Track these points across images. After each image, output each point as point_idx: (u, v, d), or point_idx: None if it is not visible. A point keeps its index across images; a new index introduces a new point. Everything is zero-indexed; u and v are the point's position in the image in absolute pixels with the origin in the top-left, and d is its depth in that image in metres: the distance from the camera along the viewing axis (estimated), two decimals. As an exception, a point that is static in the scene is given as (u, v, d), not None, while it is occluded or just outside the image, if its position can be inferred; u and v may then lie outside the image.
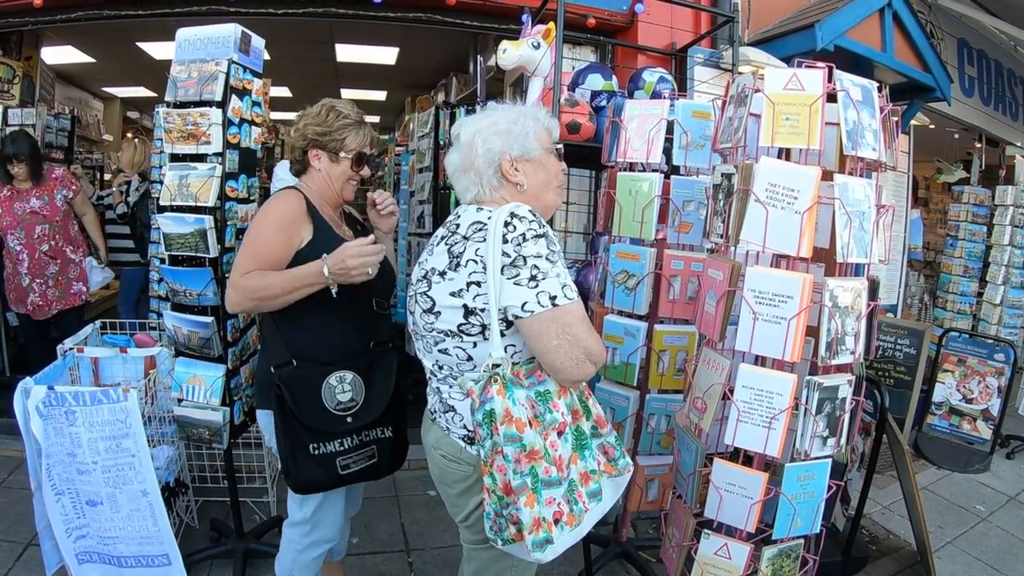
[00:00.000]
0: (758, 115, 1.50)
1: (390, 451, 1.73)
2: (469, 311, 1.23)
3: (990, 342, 3.78)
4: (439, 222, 3.35)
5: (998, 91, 5.73)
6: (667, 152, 2.04)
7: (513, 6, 3.27)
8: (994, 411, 3.62)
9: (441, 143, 3.62)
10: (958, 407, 3.72)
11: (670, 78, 2.57)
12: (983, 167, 6.02)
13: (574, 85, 2.55)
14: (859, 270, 1.61)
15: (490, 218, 1.23)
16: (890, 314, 4.62)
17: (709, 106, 2.01)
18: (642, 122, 2.02)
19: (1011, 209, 4.78)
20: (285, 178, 1.97)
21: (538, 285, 1.18)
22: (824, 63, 1.48)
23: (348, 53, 6.06)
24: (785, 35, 3.33)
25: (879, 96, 1.57)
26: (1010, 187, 4.83)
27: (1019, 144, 5.82)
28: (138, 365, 2.25)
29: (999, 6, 4.96)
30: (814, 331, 1.49)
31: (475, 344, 1.25)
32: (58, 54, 5.72)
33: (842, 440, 1.59)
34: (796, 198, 1.42)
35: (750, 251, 1.54)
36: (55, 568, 1.97)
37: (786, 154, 1.54)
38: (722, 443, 1.57)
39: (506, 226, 1.20)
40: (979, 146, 6.01)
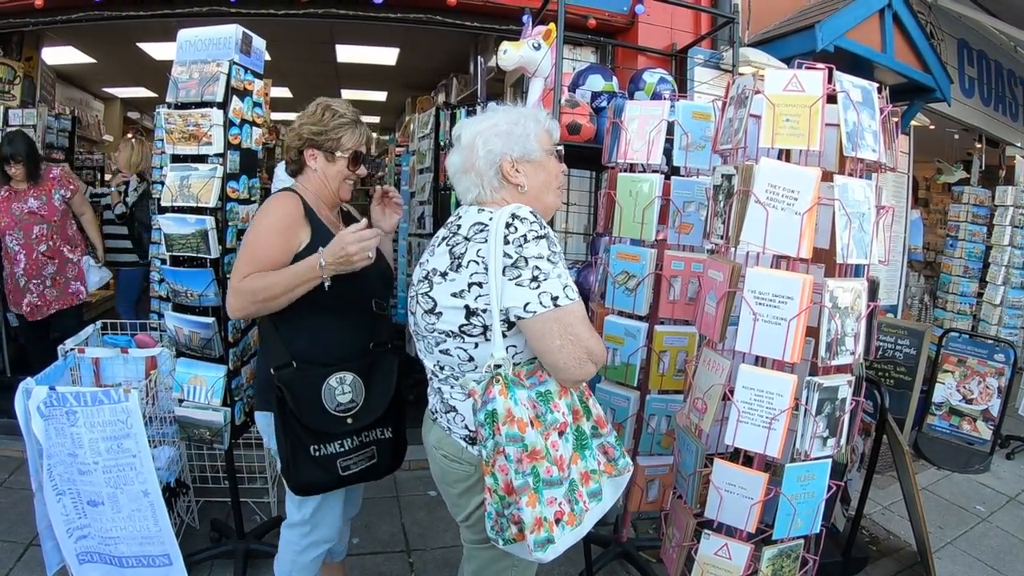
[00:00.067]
0: (758, 116, 1.51)
1: (389, 452, 1.72)
2: (471, 312, 1.23)
3: (990, 342, 3.78)
4: (440, 223, 3.37)
5: (998, 92, 5.73)
6: (667, 153, 2.04)
7: (514, 7, 3.27)
8: (994, 411, 3.62)
9: (442, 144, 3.62)
10: (958, 407, 3.72)
11: (670, 79, 2.57)
12: (983, 168, 6.03)
13: (574, 86, 2.55)
14: (859, 271, 1.61)
15: (491, 219, 1.23)
16: (890, 314, 4.63)
17: (709, 107, 2.01)
18: (642, 123, 2.02)
19: (1011, 210, 4.78)
20: (285, 179, 1.96)
21: (540, 286, 1.19)
22: (824, 64, 1.48)
23: (348, 54, 6.06)
24: (785, 36, 3.34)
25: (879, 97, 1.57)
26: (1010, 188, 4.84)
27: (1019, 144, 5.82)
28: (139, 365, 2.25)
29: (999, 7, 4.97)
30: (814, 332, 1.49)
31: (476, 345, 1.26)
32: (59, 55, 5.71)
33: (842, 440, 1.59)
34: (796, 199, 1.43)
35: (750, 252, 1.55)
36: (56, 568, 1.97)
37: (786, 155, 1.54)
38: (722, 443, 1.57)
39: (507, 227, 1.20)
40: (979, 147, 6.01)
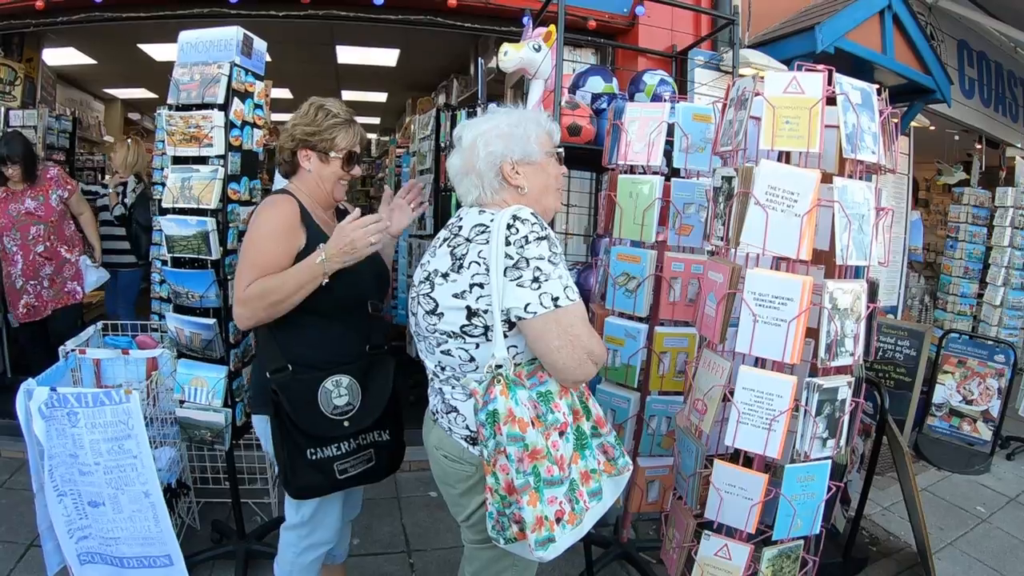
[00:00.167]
0: (758, 118, 1.51)
1: (388, 454, 1.71)
2: (472, 312, 1.24)
3: (990, 343, 3.78)
4: (440, 224, 3.37)
5: (998, 93, 5.74)
6: (667, 155, 2.05)
7: (514, 8, 3.28)
8: (994, 412, 3.62)
9: (442, 145, 3.62)
10: (958, 408, 3.72)
11: (671, 80, 2.58)
12: (983, 169, 6.03)
13: (575, 87, 2.55)
14: (859, 272, 1.61)
15: (492, 220, 1.24)
16: (890, 315, 4.63)
17: (709, 109, 2.02)
18: (643, 125, 2.02)
19: (1011, 211, 4.79)
20: (284, 180, 1.97)
21: (540, 286, 1.19)
22: (824, 65, 1.48)
23: (349, 55, 6.07)
24: (785, 37, 3.34)
25: (878, 99, 1.57)
26: (1010, 189, 4.84)
27: (1019, 145, 5.83)
28: (140, 367, 2.25)
29: (999, 8, 4.97)
30: (814, 333, 1.50)
31: (477, 345, 1.26)
32: (59, 56, 5.73)
33: (842, 441, 1.59)
34: (796, 201, 1.43)
35: (750, 253, 1.55)
36: (57, 569, 1.97)
37: (786, 157, 1.55)
38: (722, 444, 1.58)
39: (508, 228, 1.21)
40: (979, 148, 6.02)
